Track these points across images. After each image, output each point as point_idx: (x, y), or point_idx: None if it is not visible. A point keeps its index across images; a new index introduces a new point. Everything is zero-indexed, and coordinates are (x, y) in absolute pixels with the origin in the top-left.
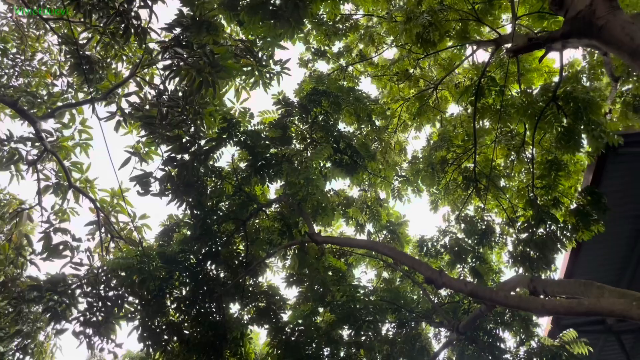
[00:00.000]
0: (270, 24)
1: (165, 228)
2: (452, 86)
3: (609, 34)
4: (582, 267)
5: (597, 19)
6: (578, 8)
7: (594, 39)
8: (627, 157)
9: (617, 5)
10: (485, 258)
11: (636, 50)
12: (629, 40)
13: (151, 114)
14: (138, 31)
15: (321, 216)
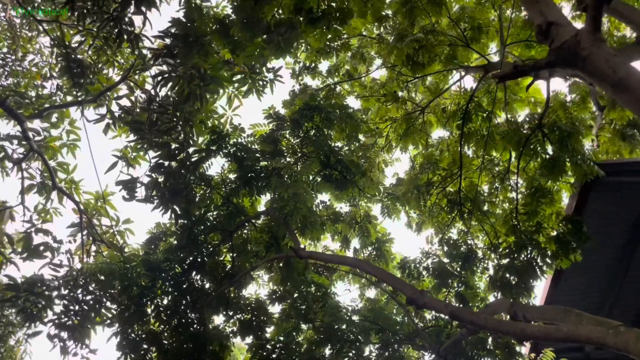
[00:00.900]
0: (260, 45)
1: (152, 236)
2: (439, 110)
3: (593, 66)
4: (562, 293)
5: (581, 49)
6: (563, 38)
7: (578, 70)
8: (610, 186)
9: (601, 37)
10: (471, 284)
11: (619, 83)
12: (612, 72)
13: (141, 118)
14: (131, 37)
15: (310, 230)
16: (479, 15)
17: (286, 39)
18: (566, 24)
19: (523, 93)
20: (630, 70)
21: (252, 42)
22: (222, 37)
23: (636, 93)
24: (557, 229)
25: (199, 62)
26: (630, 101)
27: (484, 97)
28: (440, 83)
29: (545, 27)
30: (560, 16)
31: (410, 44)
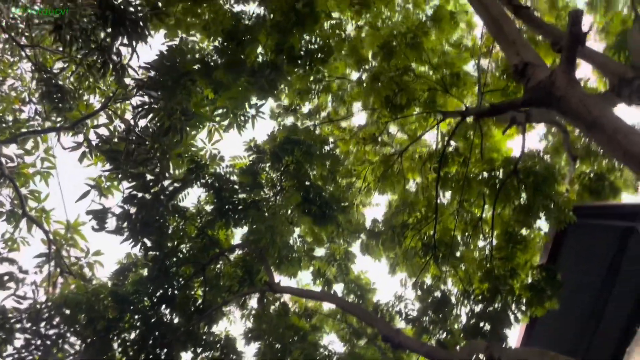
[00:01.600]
0: (244, 86)
1: (122, 267)
2: (416, 157)
3: (568, 105)
4: (537, 336)
5: (556, 89)
6: (539, 78)
7: (553, 109)
8: (584, 229)
9: (575, 78)
10: (452, 331)
11: (593, 123)
12: (586, 112)
13: (118, 148)
14: (117, 67)
15: (286, 266)
16: (458, 63)
17: (270, 80)
18: (542, 65)
19: (499, 136)
20: (603, 110)
21: (236, 84)
22: (204, 77)
23: (609, 132)
24: (532, 276)
25: (184, 98)
26: (604, 140)
27: (460, 141)
28: (419, 128)
29: (522, 67)
30: (536, 57)
31: (389, 85)
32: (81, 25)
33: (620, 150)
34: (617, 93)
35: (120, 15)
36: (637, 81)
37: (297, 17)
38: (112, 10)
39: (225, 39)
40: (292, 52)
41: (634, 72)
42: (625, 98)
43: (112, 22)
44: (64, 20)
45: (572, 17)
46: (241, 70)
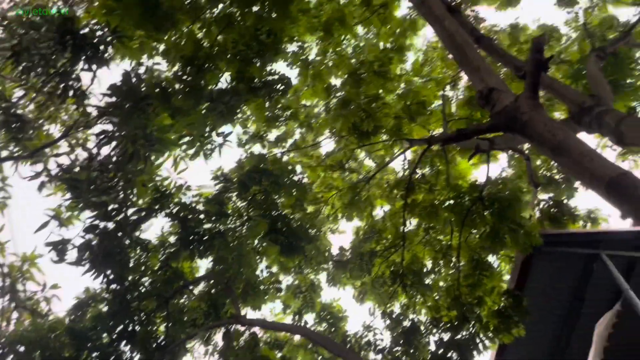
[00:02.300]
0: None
1: (80, 301)
2: (383, 184)
3: (532, 129)
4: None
5: (521, 114)
6: (504, 103)
7: (519, 133)
8: (550, 257)
9: (539, 103)
10: None
11: (558, 146)
12: (551, 136)
13: (79, 177)
14: (77, 93)
15: (252, 297)
16: (424, 92)
17: (230, 106)
18: (506, 90)
19: (464, 165)
20: (567, 134)
21: (195, 110)
22: (162, 102)
23: (575, 156)
24: (499, 302)
25: (145, 123)
26: (569, 163)
27: (426, 169)
28: (386, 155)
29: (487, 92)
30: (500, 83)
31: (356, 111)
32: (40, 51)
33: (587, 173)
34: (577, 121)
35: (80, 39)
36: (596, 109)
37: (259, 47)
38: (71, 34)
39: (185, 64)
40: (253, 82)
41: (592, 101)
42: (585, 126)
43: (72, 47)
44: (22, 47)
45: (535, 44)
46: (200, 96)
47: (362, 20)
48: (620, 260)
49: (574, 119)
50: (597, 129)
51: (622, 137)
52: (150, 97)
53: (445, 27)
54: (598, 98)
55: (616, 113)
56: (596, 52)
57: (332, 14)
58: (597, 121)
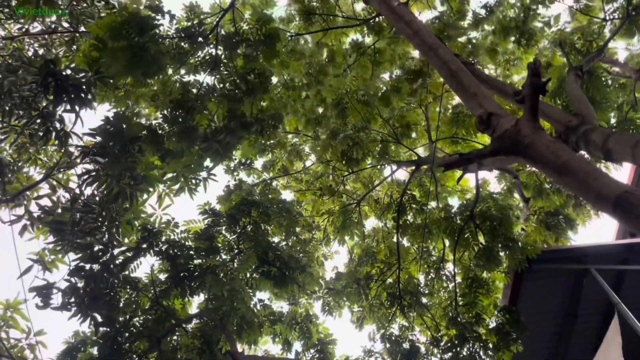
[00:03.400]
0: (197, 152)
1: (69, 346)
2: (373, 202)
3: (535, 152)
4: None
5: (523, 137)
6: (504, 127)
7: (521, 156)
8: (541, 274)
9: (539, 125)
10: None
11: (562, 167)
12: (554, 157)
13: (62, 219)
14: (60, 134)
15: (247, 333)
16: (408, 115)
17: (225, 144)
18: (505, 115)
19: (453, 182)
20: (570, 154)
21: (190, 151)
22: (152, 145)
23: (579, 175)
24: (496, 319)
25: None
26: (574, 184)
27: (416, 189)
28: (374, 177)
29: (486, 117)
30: (498, 107)
31: (344, 141)
32: (21, 93)
33: (593, 193)
34: (564, 140)
35: (63, 81)
36: (582, 127)
37: (247, 87)
38: (53, 76)
39: (174, 108)
40: (244, 119)
41: (577, 120)
42: (572, 144)
43: (54, 88)
44: (3, 90)
45: (531, 68)
46: (193, 137)
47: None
48: (609, 274)
49: (560, 138)
50: (584, 147)
51: (610, 154)
52: (139, 139)
53: (439, 55)
54: (582, 116)
55: (602, 130)
56: (574, 70)
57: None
58: (584, 139)
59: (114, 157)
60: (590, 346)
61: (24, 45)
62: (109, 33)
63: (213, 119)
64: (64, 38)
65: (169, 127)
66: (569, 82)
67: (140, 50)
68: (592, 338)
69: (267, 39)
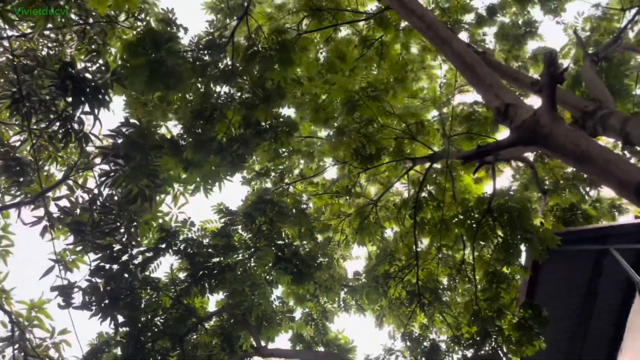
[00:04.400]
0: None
1: (93, 348)
2: (390, 205)
3: (555, 142)
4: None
5: (541, 127)
6: (522, 118)
7: (541, 146)
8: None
9: (557, 115)
10: None
11: (582, 156)
12: (574, 146)
13: (82, 219)
14: (79, 136)
15: (266, 329)
16: (423, 112)
17: (239, 155)
18: (522, 105)
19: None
20: (590, 142)
21: (207, 161)
22: (174, 156)
23: (599, 163)
24: (518, 314)
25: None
26: (595, 171)
27: (432, 186)
28: (391, 176)
29: (504, 109)
30: (515, 98)
31: (356, 137)
32: (40, 97)
33: (614, 180)
34: (581, 125)
35: (81, 83)
36: (599, 112)
37: (264, 95)
38: (71, 79)
39: (194, 118)
40: (259, 126)
41: (594, 105)
42: (590, 129)
43: (72, 90)
44: (21, 94)
45: (547, 58)
46: (209, 147)
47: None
48: (629, 254)
49: (577, 124)
50: (602, 132)
51: (628, 138)
52: (160, 148)
53: (453, 48)
54: (599, 101)
55: (620, 114)
56: (590, 57)
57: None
58: (602, 124)
59: (136, 167)
60: (611, 325)
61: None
62: (127, 51)
63: (230, 127)
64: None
65: (187, 138)
66: (585, 69)
67: (159, 65)
68: (613, 317)
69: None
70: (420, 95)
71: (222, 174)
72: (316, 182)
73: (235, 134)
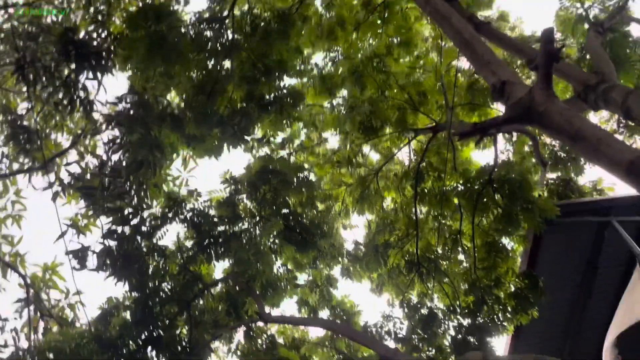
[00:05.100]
0: (216, 136)
1: (104, 311)
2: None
3: (549, 120)
4: (526, 336)
5: (537, 105)
6: (518, 95)
7: (535, 124)
8: (561, 227)
9: (553, 93)
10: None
11: (575, 134)
12: (568, 124)
13: (92, 184)
14: (84, 102)
15: (271, 296)
16: (425, 83)
17: (242, 127)
18: (519, 82)
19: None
20: (583, 121)
21: (209, 135)
22: (176, 131)
23: (592, 142)
24: (515, 284)
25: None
26: (588, 149)
27: (433, 157)
28: (392, 147)
29: (500, 85)
30: (512, 75)
31: (362, 112)
32: (44, 63)
33: (605, 159)
34: (583, 99)
35: (84, 49)
36: (601, 86)
37: (265, 69)
38: (74, 45)
39: (196, 93)
40: (262, 100)
41: (597, 78)
42: (592, 103)
43: (75, 57)
44: (25, 60)
45: (544, 35)
46: (211, 121)
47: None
48: (631, 226)
49: (579, 98)
50: (604, 105)
51: (629, 112)
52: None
53: (452, 24)
54: (602, 74)
55: (622, 88)
56: (594, 27)
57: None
58: (603, 98)
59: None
60: (611, 297)
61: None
62: (127, 24)
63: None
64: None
65: (189, 111)
66: (590, 39)
67: (159, 39)
68: (613, 289)
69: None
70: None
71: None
72: (317, 152)
73: (238, 107)
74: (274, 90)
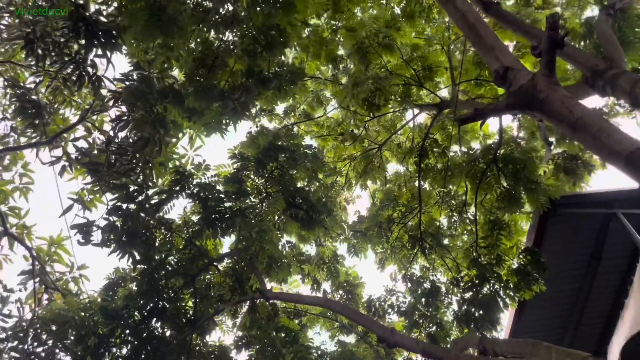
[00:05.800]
0: (216, 110)
1: (110, 282)
2: (394, 147)
3: (551, 107)
4: (526, 325)
5: (538, 92)
6: (520, 82)
7: (537, 111)
8: (566, 218)
9: (556, 80)
10: (443, 323)
11: (576, 123)
12: (569, 113)
13: (98, 160)
14: (92, 79)
15: (276, 272)
16: (431, 57)
17: (242, 102)
18: (522, 68)
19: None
20: (585, 110)
21: (209, 109)
22: (177, 106)
23: (592, 131)
24: (518, 260)
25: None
26: (588, 139)
27: (438, 133)
28: (396, 120)
29: (502, 72)
30: (515, 61)
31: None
32: (54, 38)
33: (605, 149)
34: (591, 84)
35: (93, 26)
36: (609, 72)
37: (266, 42)
38: (84, 21)
39: (197, 66)
40: (262, 75)
41: (605, 64)
42: (599, 89)
43: (85, 33)
44: (35, 35)
45: (549, 21)
46: (211, 95)
47: None
48: (636, 218)
49: (587, 83)
50: (611, 92)
51: (636, 100)
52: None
53: (457, 7)
54: (611, 60)
55: (630, 75)
56: (605, 10)
57: None
58: (611, 84)
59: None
60: (614, 289)
61: None
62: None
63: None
64: None
65: (189, 86)
66: (599, 22)
67: (159, 10)
68: (616, 281)
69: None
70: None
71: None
72: (321, 123)
73: (239, 82)
74: (274, 65)
